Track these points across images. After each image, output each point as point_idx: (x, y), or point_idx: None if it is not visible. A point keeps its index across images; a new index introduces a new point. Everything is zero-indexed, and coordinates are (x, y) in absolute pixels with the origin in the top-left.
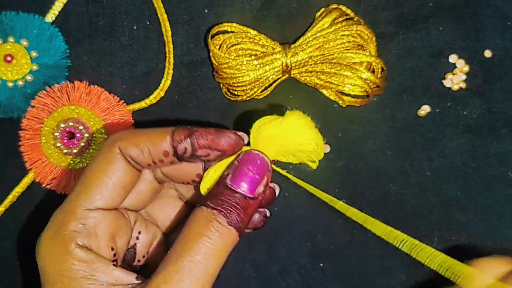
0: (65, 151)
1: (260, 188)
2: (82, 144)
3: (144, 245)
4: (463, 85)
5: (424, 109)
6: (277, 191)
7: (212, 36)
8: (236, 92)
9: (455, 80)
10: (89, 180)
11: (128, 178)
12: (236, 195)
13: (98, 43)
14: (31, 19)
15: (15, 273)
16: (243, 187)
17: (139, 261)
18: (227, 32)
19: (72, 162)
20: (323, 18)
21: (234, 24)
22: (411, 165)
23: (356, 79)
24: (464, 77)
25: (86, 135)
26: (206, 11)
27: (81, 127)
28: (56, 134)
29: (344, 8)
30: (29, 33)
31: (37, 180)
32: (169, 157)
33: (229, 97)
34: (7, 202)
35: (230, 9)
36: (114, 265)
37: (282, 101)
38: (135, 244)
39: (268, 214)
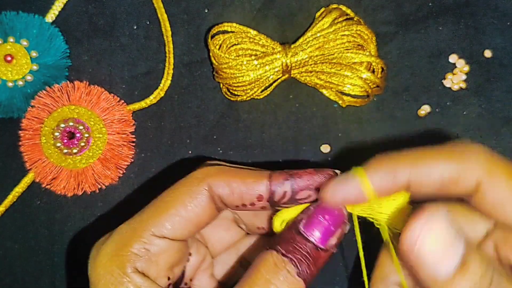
0: (65, 151)
1: (333, 240)
2: (82, 144)
3: (193, 267)
4: (463, 85)
5: (424, 109)
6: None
7: (212, 36)
8: (236, 92)
9: (455, 80)
10: (165, 206)
11: (205, 217)
12: (308, 244)
13: (98, 43)
14: (31, 19)
15: (15, 273)
16: (316, 236)
17: (186, 284)
18: (227, 32)
19: (72, 162)
20: (323, 18)
21: (234, 24)
22: None
23: (356, 79)
24: (464, 77)
25: (86, 135)
26: (206, 11)
27: (81, 127)
28: (56, 134)
29: (344, 8)
30: (29, 33)
31: (37, 180)
32: (263, 201)
33: (229, 97)
34: (7, 202)
35: (230, 9)
36: None
37: (282, 101)
38: (185, 266)
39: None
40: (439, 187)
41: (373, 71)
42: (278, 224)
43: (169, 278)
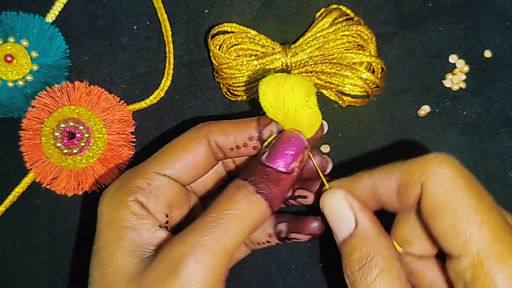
0: (65, 151)
1: (295, 164)
2: (82, 144)
3: None
4: (463, 85)
5: (424, 109)
6: (330, 166)
7: (212, 36)
8: (236, 92)
9: (455, 80)
10: (168, 150)
11: (203, 161)
12: (268, 169)
13: (98, 43)
14: (31, 19)
15: (16, 272)
16: (273, 161)
17: None
18: (227, 32)
19: (72, 162)
20: (323, 18)
21: (234, 24)
22: None
23: (356, 79)
24: (464, 77)
25: (86, 135)
26: (206, 11)
27: (81, 127)
28: (56, 134)
29: (344, 9)
30: (29, 33)
31: (37, 180)
32: (253, 141)
33: (229, 97)
34: (7, 202)
35: (230, 9)
36: (161, 226)
37: None
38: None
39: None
40: (397, 194)
41: (373, 71)
42: None
43: (167, 215)
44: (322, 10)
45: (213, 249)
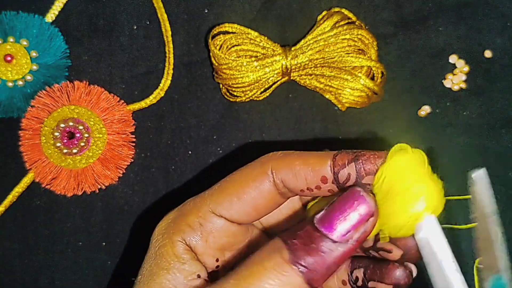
0: (65, 151)
1: (353, 235)
2: (82, 144)
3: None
4: (463, 86)
5: (424, 109)
6: None
7: (213, 37)
8: (235, 93)
9: (455, 81)
10: (227, 186)
11: (266, 201)
12: (317, 233)
13: (98, 43)
14: (31, 19)
15: (15, 272)
16: (325, 225)
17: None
18: (227, 32)
19: (71, 162)
20: (324, 21)
21: (235, 25)
22: None
23: (355, 83)
24: (464, 77)
25: (86, 135)
26: (206, 11)
27: (81, 127)
28: (56, 134)
29: (346, 12)
30: (29, 33)
31: (37, 180)
32: (328, 184)
33: (228, 98)
34: (7, 202)
35: (230, 10)
36: (199, 276)
37: (282, 102)
38: (241, 254)
39: (414, 271)
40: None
41: (373, 76)
42: (310, 212)
43: (217, 260)
44: (324, 13)
45: None
